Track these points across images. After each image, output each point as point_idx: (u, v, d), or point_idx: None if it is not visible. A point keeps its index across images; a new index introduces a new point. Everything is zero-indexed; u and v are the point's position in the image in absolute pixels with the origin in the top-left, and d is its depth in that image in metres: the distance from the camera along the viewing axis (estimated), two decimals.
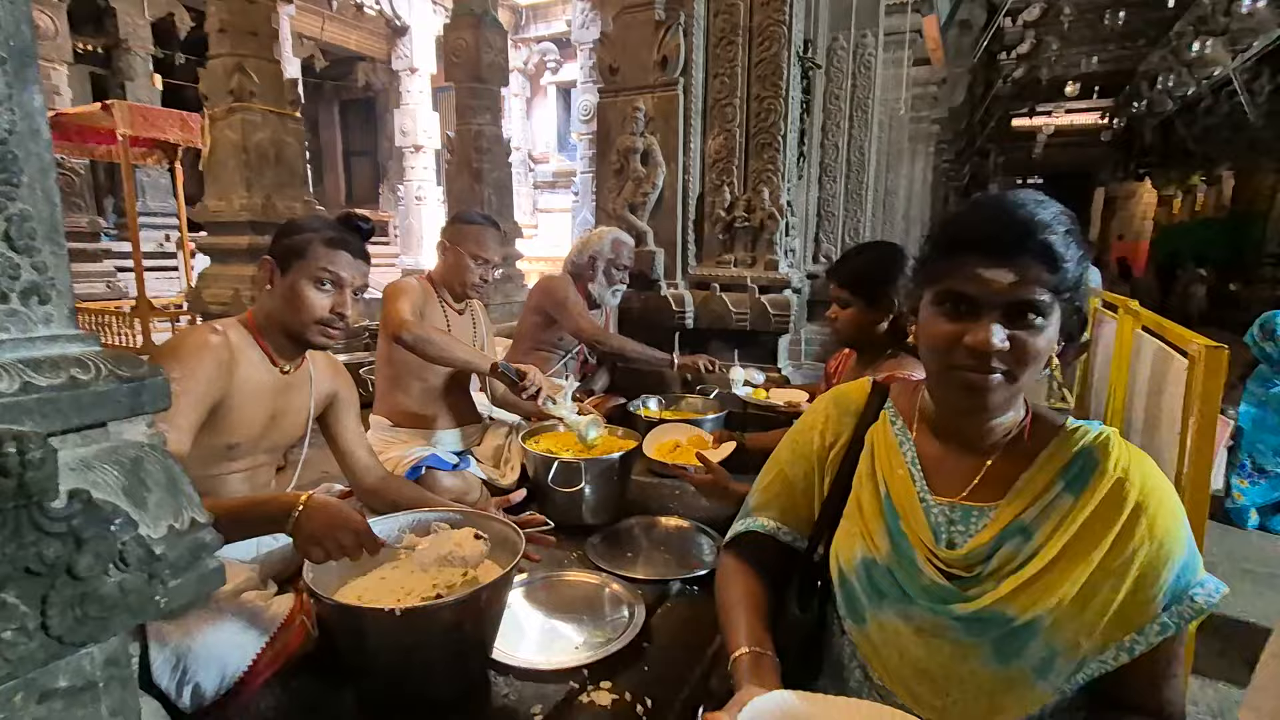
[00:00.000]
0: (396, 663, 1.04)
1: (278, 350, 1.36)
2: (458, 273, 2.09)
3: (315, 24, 10.85)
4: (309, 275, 1.32)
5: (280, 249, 1.34)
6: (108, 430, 0.60)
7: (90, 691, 0.60)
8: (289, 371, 1.39)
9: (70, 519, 0.52)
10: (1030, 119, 16.98)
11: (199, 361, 1.21)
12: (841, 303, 1.69)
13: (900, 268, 1.60)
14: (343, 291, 1.35)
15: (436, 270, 2.15)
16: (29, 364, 0.52)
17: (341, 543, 1.06)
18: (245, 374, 1.29)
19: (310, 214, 1.41)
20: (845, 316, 1.69)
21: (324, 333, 1.35)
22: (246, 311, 1.39)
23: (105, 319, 5.86)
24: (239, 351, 1.30)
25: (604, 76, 3.07)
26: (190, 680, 0.97)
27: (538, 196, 13.91)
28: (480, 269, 2.09)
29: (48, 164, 0.55)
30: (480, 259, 2.08)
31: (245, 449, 1.34)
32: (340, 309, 1.34)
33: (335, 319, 1.34)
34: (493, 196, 5.59)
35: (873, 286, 1.63)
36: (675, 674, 1.21)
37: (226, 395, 1.26)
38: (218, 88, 4.09)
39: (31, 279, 0.55)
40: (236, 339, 1.31)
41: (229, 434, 1.29)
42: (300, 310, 1.32)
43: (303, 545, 1.06)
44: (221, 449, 1.29)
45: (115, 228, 9.36)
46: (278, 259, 1.34)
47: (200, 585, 0.63)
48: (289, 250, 1.33)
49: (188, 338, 1.25)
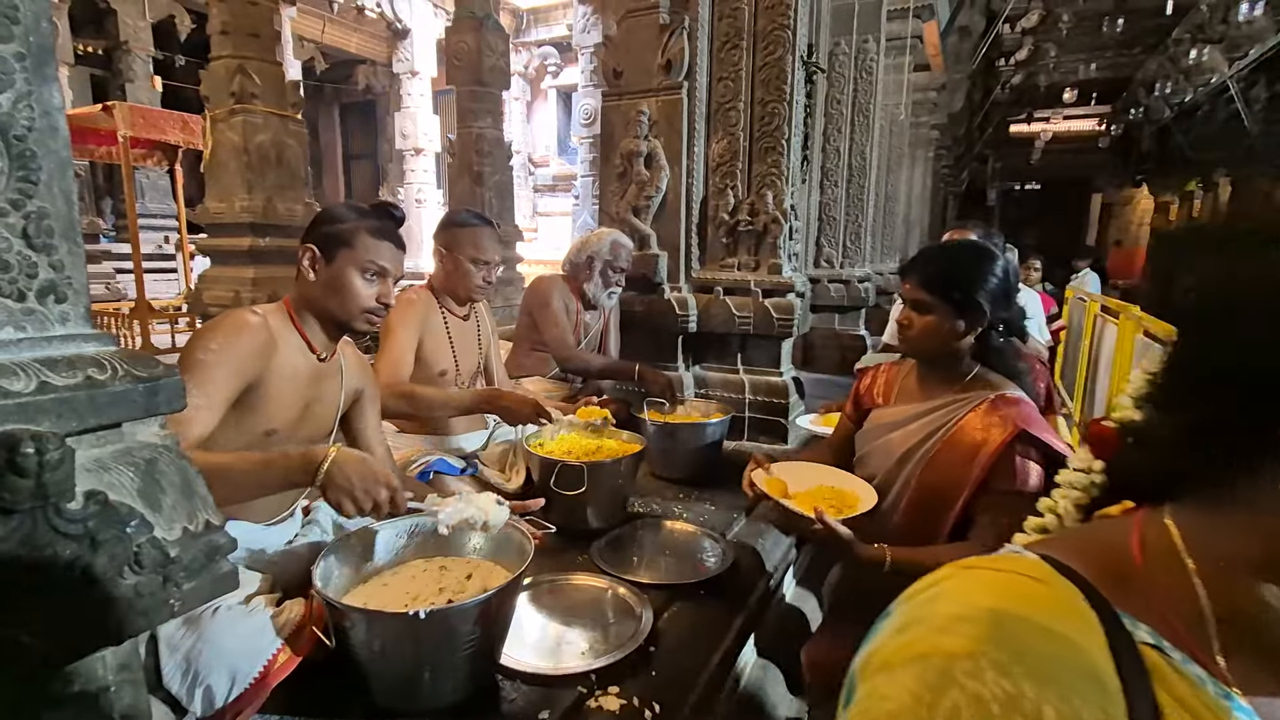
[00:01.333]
0: (408, 668, 1.03)
1: (315, 337, 1.38)
2: (459, 279, 2.04)
3: (316, 26, 10.85)
4: (356, 265, 1.34)
5: (322, 237, 1.35)
6: (121, 431, 0.59)
7: (103, 695, 0.59)
8: (325, 359, 1.40)
9: (87, 520, 0.51)
10: (1028, 125, 17.04)
11: (239, 337, 1.23)
12: (920, 307, 1.36)
13: (994, 271, 1.33)
14: (386, 281, 1.39)
15: (436, 277, 2.10)
16: (45, 363, 0.52)
17: (375, 496, 1.08)
18: (284, 358, 1.31)
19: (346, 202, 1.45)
20: (923, 324, 1.36)
21: (369, 320, 1.39)
22: (284, 298, 1.40)
23: (105, 321, 5.85)
24: (279, 335, 1.31)
25: (608, 80, 3.07)
26: (201, 684, 0.96)
27: (538, 200, 13.91)
28: (481, 271, 2.04)
29: (66, 162, 0.54)
30: (480, 261, 2.03)
31: (282, 437, 1.33)
32: (385, 299, 1.39)
33: (381, 308, 1.39)
34: (494, 200, 5.59)
35: (965, 289, 1.32)
36: (683, 679, 1.20)
37: (264, 377, 1.27)
38: (219, 89, 4.08)
39: (49, 278, 0.54)
40: (276, 324, 1.32)
41: (267, 419, 1.30)
42: (348, 300, 1.35)
43: (334, 496, 1.07)
44: (260, 436, 1.29)
45: (115, 229, 9.35)
46: (320, 246, 1.35)
47: (214, 588, 0.62)
48: (333, 239, 1.35)
49: (229, 317, 1.27)
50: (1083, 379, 4.49)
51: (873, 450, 1.47)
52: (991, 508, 1.24)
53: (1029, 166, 18.87)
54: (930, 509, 1.31)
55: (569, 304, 2.69)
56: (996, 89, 12.93)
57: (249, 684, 0.97)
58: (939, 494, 1.30)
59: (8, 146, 0.51)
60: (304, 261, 1.36)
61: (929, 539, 1.30)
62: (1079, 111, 15.95)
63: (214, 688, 0.96)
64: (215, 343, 1.20)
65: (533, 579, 1.47)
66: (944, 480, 1.29)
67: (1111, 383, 3.39)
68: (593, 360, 2.65)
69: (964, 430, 1.29)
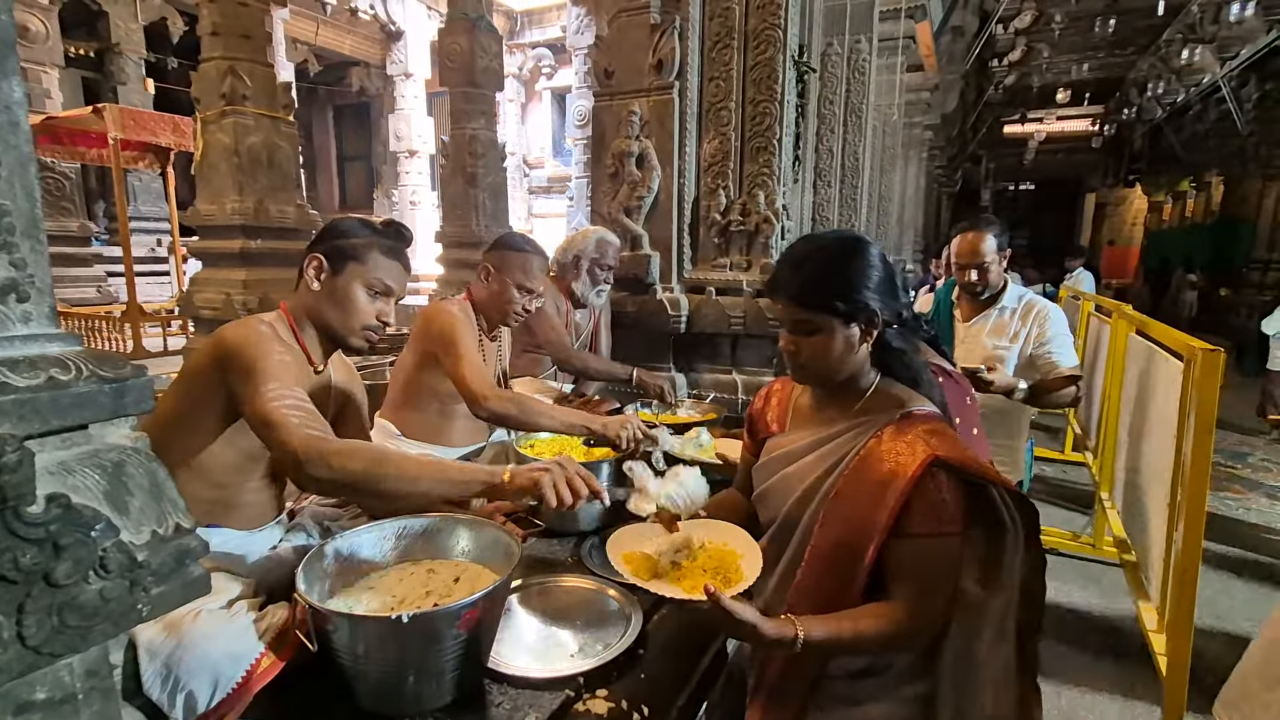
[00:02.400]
0: (393, 671, 1.02)
1: (313, 349, 1.36)
2: (501, 302, 1.99)
3: (309, 29, 10.83)
4: (363, 281, 1.33)
5: (332, 249, 1.33)
6: (89, 433, 0.58)
7: (70, 703, 0.58)
8: (320, 372, 1.39)
9: (48, 524, 0.50)
10: (1022, 125, 17.11)
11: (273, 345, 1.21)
12: (801, 328, 1.14)
13: (870, 261, 1.14)
14: (389, 300, 1.37)
15: (476, 293, 2.05)
16: (6, 364, 0.51)
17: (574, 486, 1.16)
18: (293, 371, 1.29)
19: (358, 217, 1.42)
20: (812, 346, 1.14)
21: (367, 338, 1.36)
22: (281, 305, 1.37)
23: (96, 324, 5.82)
24: (288, 348, 1.29)
25: (599, 80, 3.07)
26: (183, 690, 0.95)
27: (532, 201, 13.91)
28: (524, 299, 2.00)
29: (27, 157, 0.53)
30: (525, 289, 1.98)
31: None
32: (385, 317, 1.36)
33: (379, 326, 1.36)
34: (487, 201, 5.57)
35: (846, 293, 1.11)
36: (672, 681, 1.19)
37: None
38: (210, 91, 4.06)
39: (9, 276, 0.53)
40: (281, 335, 1.30)
41: None
42: (349, 314, 1.32)
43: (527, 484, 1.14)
44: (257, 448, 1.24)
45: (106, 232, 9.30)
46: (328, 257, 1.32)
47: (184, 592, 0.61)
48: (342, 252, 1.33)
49: (249, 329, 1.23)
50: None
51: (770, 489, 1.25)
52: (911, 557, 1.04)
53: (1022, 167, 18.95)
54: (837, 561, 1.09)
55: (559, 304, 2.68)
56: (990, 89, 12.98)
57: (231, 689, 0.96)
58: (845, 543, 1.08)
59: None
60: (309, 270, 1.33)
61: (839, 596, 1.08)
62: (1072, 112, 16.02)
63: (195, 693, 0.95)
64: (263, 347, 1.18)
65: (522, 581, 1.45)
66: (850, 525, 1.08)
67: (1105, 382, 3.40)
68: (591, 362, 2.65)
69: (868, 461, 1.09)
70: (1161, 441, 2.29)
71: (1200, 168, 13.75)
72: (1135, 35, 10.85)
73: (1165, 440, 2.20)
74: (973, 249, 2.26)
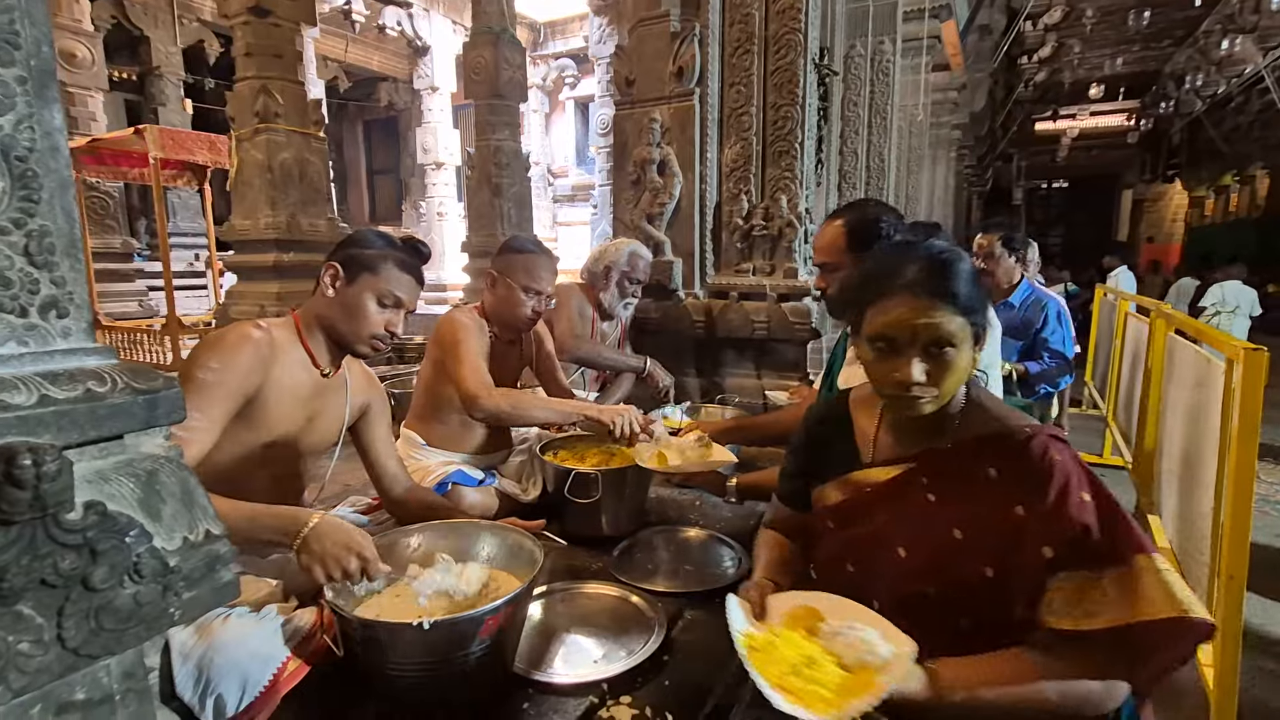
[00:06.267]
0: (419, 676, 1.03)
1: (319, 353, 1.40)
2: (509, 306, 1.96)
3: (339, 46, 11.10)
4: (376, 291, 1.37)
5: (348, 258, 1.38)
6: (124, 442, 0.60)
7: (107, 704, 0.60)
8: (328, 375, 1.42)
9: (86, 531, 0.52)
10: (1053, 122, 16.76)
11: (238, 354, 1.25)
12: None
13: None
14: (399, 312, 1.41)
15: (486, 302, 2.05)
16: (46, 377, 0.53)
17: (344, 565, 1.08)
18: (284, 371, 1.33)
19: (378, 230, 1.47)
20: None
21: (374, 346, 1.41)
22: (291, 311, 1.42)
23: (137, 337, 6.01)
24: (280, 349, 1.33)
25: (620, 88, 3.09)
26: (213, 693, 0.97)
27: (557, 210, 14.03)
28: (532, 301, 1.96)
29: (66, 180, 0.56)
30: (532, 290, 1.94)
31: (280, 450, 1.35)
32: (393, 328, 1.40)
33: (387, 336, 1.40)
34: (512, 211, 5.64)
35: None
36: (696, 689, 1.18)
37: (262, 389, 1.29)
38: (244, 109, 4.20)
39: (50, 293, 0.55)
40: (280, 337, 1.34)
41: (266, 431, 1.32)
42: (358, 322, 1.37)
43: (305, 562, 1.08)
44: (258, 448, 1.31)
45: (148, 248, 9.62)
46: (344, 266, 1.37)
47: (215, 597, 0.63)
48: (359, 262, 1.37)
49: (230, 331, 1.29)
50: (1115, 379, 4.38)
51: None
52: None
53: (1055, 164, 18.54)
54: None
55: (585, 311, 2.69)
56: (1019, 87, 12.74)
57: (259, 691, 0.98)
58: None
59: (10, 167, 0.52)
60: (325, 277, 1.39)
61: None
62: (1106, 107, 15.64)
63: (225, 696, 0.97)
64: (215, 361, 1.21)
65: (546, 587, 1.46)
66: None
67: (1145, 384, 3.29)
68: (603, 351, 2.65)
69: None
70: (1204, 446, 2.21)
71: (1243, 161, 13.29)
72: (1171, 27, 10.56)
73: (1208, 445, 2.13)
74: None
